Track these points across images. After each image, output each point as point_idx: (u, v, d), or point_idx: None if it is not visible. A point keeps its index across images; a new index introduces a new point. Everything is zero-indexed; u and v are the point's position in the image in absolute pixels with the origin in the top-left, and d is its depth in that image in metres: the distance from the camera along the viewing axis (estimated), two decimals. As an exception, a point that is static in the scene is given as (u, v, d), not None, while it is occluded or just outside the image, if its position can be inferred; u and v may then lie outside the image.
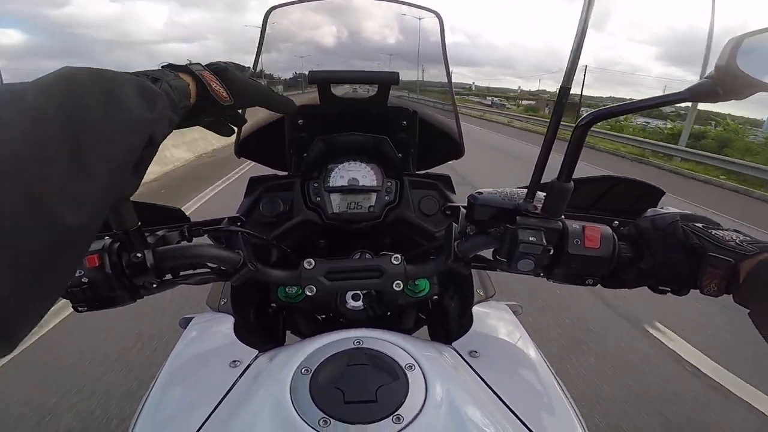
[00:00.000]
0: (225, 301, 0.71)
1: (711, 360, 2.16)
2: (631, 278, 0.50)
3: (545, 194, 0.49)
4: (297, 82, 0.94)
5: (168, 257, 0.51)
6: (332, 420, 0.40)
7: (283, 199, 0.78)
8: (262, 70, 0.86)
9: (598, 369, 2.00)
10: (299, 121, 0.79)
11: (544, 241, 0.48)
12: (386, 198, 0.79)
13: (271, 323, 0.81)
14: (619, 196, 0.67)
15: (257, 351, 0.57)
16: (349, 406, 0.41)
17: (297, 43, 0.91)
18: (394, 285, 0.59)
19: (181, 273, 0.55)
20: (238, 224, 0.66)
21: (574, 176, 0.53)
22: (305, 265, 0.58)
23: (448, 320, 0.79)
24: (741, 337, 2.30)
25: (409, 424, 0.40)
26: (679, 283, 0.48)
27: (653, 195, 0.66)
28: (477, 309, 0.68)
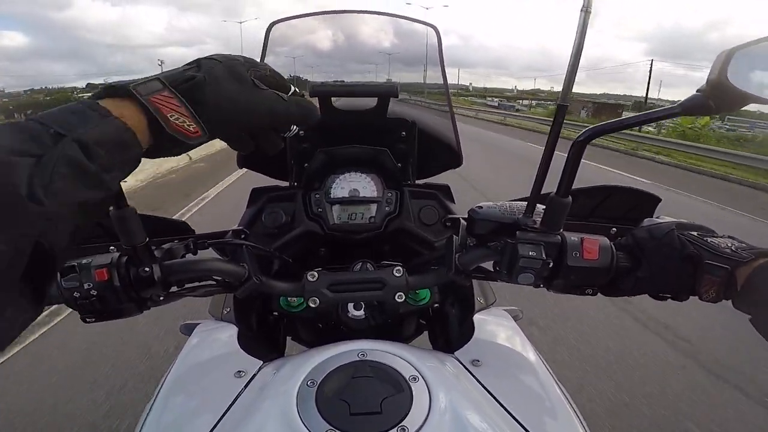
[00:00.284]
0: (228, 311, 0.72)
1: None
2: (630, 287, 0.51)
3: (544, 208, 0.49)
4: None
5: (175, 271, 0.51)
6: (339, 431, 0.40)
7: (285, 210, 0.79)
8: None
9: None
10: (300, 133, 0.80)
11: (544, 255, 0.48)
12: (386, 209, 0.80)
13: (272, 331, 0.82)
14: (617, 204, 0.68)
15: (261, 361, 0.57)
16: (355, 418, 0.42)
17: (298, 56, 0.92)
18: (396, 297, 0.59)
19: (187, 285, 0.55)
20: (242, 237, 0.66)
21: (575, 187, 0.54)
22: (309, 278, 0.58)
23: (449, 328, 0.79)
24: None
25: None
26: (678, 291, 0.48)
27: (650, 202, 0.66)
28: (478, 317, 0.68)
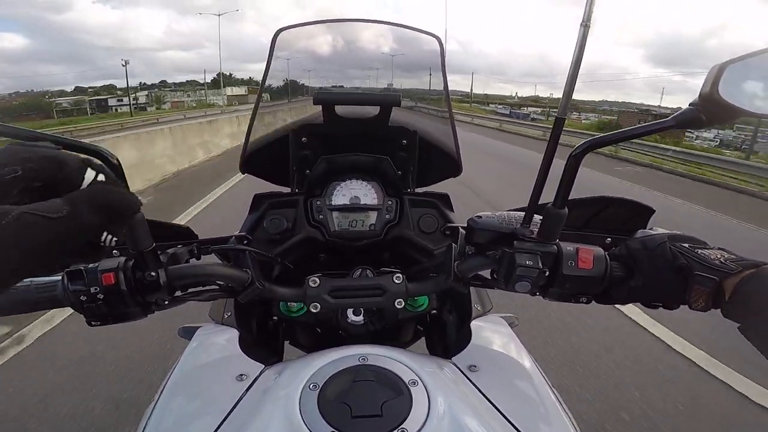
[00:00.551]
0: (229, 314, 0.73)
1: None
2: (623, 295, 0.52)
3: (541, 218, 0.51)
4: (284, 92, 0.96)
5: (180, 276, 0.52)
6: None
7: (287, 217, 0.80)
8: (270, 86, 0.88)
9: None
10: (303, 140, 0.81)
11: (540, 264, 0.50)
12: (387, 216, 0.81)
13: (272, 335, 0.83)
14: (612, 215, 0.69)
15: (263, 365, 0.58)
16: (357, 421, 0.42)
17: (301, 62, 0.93)
18: (396, 303, 0.60)
19: (191, 290, 0.56)
20: (245, 242, 0.67)
21: (570, 198, 0.55)
22: (310, 284, 0.59)
23: (447, 334, 0.80)
24: None
25: None
26: (669, 300, 0.50)
27: (644, 213, 0.68)
28: (475, 324, 0.70)
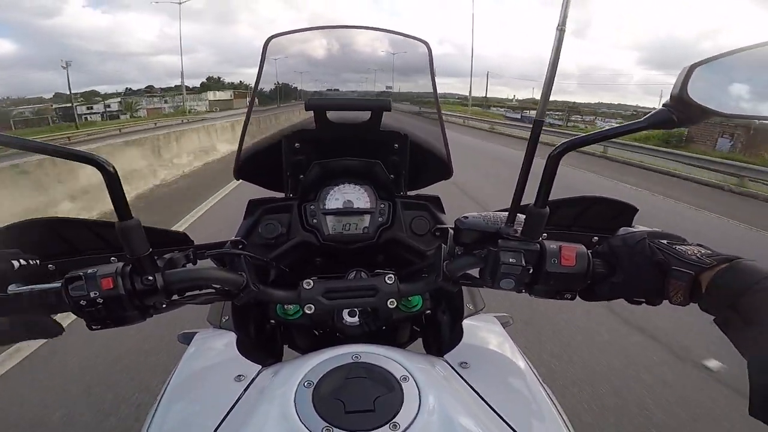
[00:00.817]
0: (227, 318, 0.74)
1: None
2: (605, 292, 0.54)
3: (525, 217, 0.52)
4: (274, 97, 0.98)
5: (177, 280, 0.53)
6: (335, 429, 0.42)
7: (281, 221, 0.81)
8: (262, 90, 0.90)
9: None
10: (296, 145, 0.83)
11: (524, 262, 0.51)
12: (379, 219, 0.82)
13: (269, 339, 0.84)
14: (598, 214, 0.70)
15: (260, 366, 0.59)
16: (350, 416, 0.44)
17: (293, 67, 0.94)
18: (388, 303, 0.62)
19: (188, 293, 0.57)
20: (240, 247, 0.69)
21: (554, 198, 0.56)
22: (304, 286, 0.61)
23: (441, 333, 0.81)
24: None
25: (405, 431, 0.42)
26: (650, 295, 0.51)
27: (628, 212, 0.69)
28: (467, 322, 0.71)
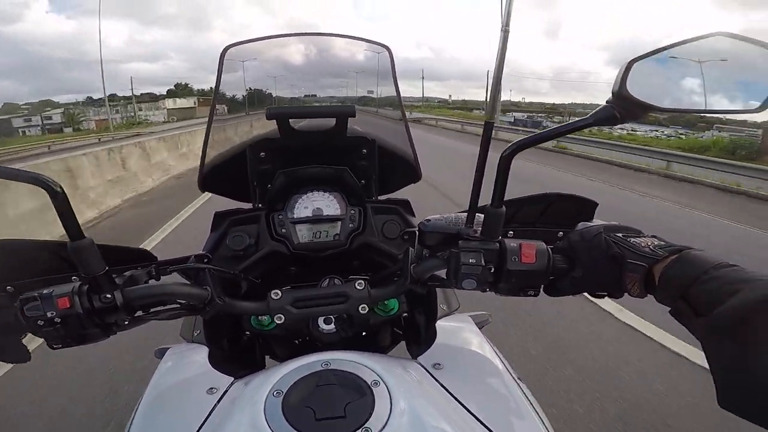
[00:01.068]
0: (198, 333, 0.73)
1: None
2: (568, 287, 0.54)
3: (483, 217, 0.53)
4: (242, 106, 0.97)
5: (137, 296, 0.53)
6: None
7: (249, 233, 0.81)
8: (221, 102, 0.89)
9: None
10: (261, 154, 0.82)
11: (483, 262, 0.52)
12: (350, 225, 0.82)
13: (248, 350, 0.83)
14: (560, 210, 0.71)
15: (232, 378, 0.59)
16: (321, 423, 0.44)
17: (255, 76, 0.94)
18: (360, 308, 0.63)
19: (152, 309, 0.57)
20: (205, 261, 0.68)
21: (517, 197, 0.57)
22: (272, 296, 0.61)
23: (419, 335, 0.82)
24: None
25: None
26: (610, 288, 0.52)
27: (589, 207, 0.71)
28: (441, 323, 0.71)
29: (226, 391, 0.56)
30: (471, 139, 16.14)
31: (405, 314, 0.82)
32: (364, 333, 0.81)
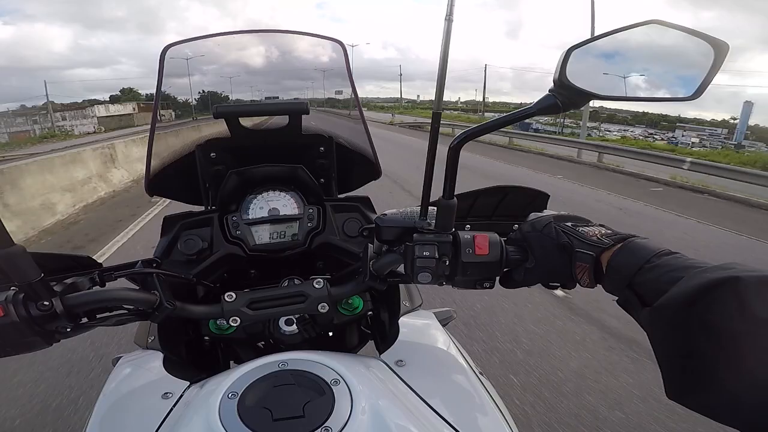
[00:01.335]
0: (153, 339, 0.71)
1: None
2: (522, 278, 0.54)
3: (436, 210, 0.53)
4: (189, 110, 0.94)
5: (79, 303, 0.50)
6: None
7: (202, 236, 0.78)
8: (164, 104, 0.86)
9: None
10: (212, 155, 0.80)
11: (438, 255, 0.52)
12: (309, 225, 0.81)
13: (210, 355, 0.81)
14: (514, 202, 0.73)
15: (188, 382, 0.57)
16: (278, 423, 0.43)
17: (203, 78, 0.91)
18: (320, 307, 0.61)
19: (98, 316, 0.54)
20: (154, 265, 0.65)
21: (470, 190, 0.56)
22: (226, 299, 0.59)
23: (385, 333, 0.81)
24: None
25: None
26: (561, 279, 0.53)
27: (541, 198, 0.72)
28: (404, 320, 0.71)
29: (181, 396, 0.55)
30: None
31: (370, 312, 0.81)
32: (331, 333, 0.80)
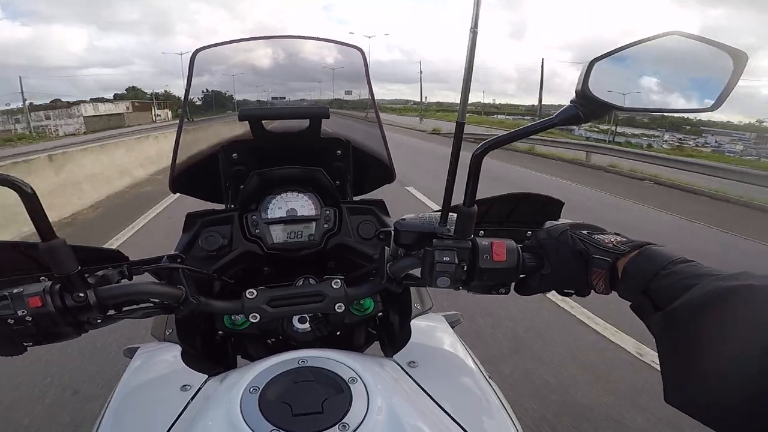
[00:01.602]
0: (171, 331, 0.72)
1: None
2: (537, 284, 0.56)
3: (456, 216, 0.54)
4: (209, 107, 0.96)
5: (110, 295, 0.52)
6: (282, 431, 0.42)
7: (222, 233, 0.80)
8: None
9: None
10: (234, 156, 0.82)
11: (457, 260, 0.53)
12: (325, 226, 0.82)
13: (221, 349, 0.82)
14: (528, 209, 0.73)
15: (207, 375, 0.59)
16: (297, 418, 0.44)
17: (227, 80, 0.93)
18: (336, 307, 0.63)
19: (125, 308, 0.56)
20: (178, 261, 0.67)
21: (486, 196, 0.57)
22: (247, 295, 0.60)
23: (394, 335, 0.82)
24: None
25: (354, 431, 0.43)
26: (577, 285, 0.54)
27: (555, 205, 0.73)
28: (415, 322, 0.72)
29: (200, 389, 0.56)
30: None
31: (380, 314, 0.83)
32: (339, 333, 0.81)
